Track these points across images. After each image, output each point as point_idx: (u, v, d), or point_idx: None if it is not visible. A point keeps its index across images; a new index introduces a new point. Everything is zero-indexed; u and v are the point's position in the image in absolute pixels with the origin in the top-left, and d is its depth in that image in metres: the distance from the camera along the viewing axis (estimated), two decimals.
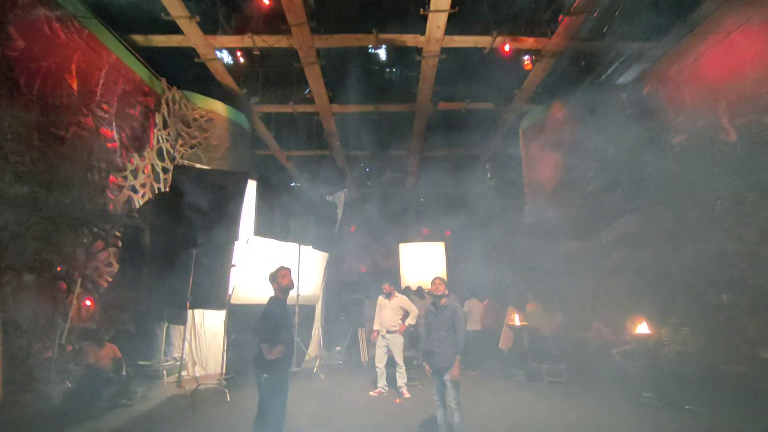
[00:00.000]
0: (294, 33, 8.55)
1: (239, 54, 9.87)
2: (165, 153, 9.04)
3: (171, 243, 6.89)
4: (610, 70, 9.41)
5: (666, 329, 6.57)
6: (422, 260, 14.75)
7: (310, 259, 8.93)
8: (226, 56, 9.83)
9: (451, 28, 8.45)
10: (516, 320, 7.95)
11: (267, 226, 7.42)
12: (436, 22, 8.18)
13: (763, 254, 6.00)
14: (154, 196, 8.38)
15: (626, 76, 9.13)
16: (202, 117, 10.16)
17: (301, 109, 11.71)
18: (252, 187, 7.39)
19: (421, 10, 7.95)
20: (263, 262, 6.82)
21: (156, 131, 8.86)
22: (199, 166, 9.42)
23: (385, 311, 6.99)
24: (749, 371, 5.95)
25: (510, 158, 14.16)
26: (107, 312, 6.99)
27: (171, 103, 9.37)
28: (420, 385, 7.17)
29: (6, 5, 5.73)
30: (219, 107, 10.55)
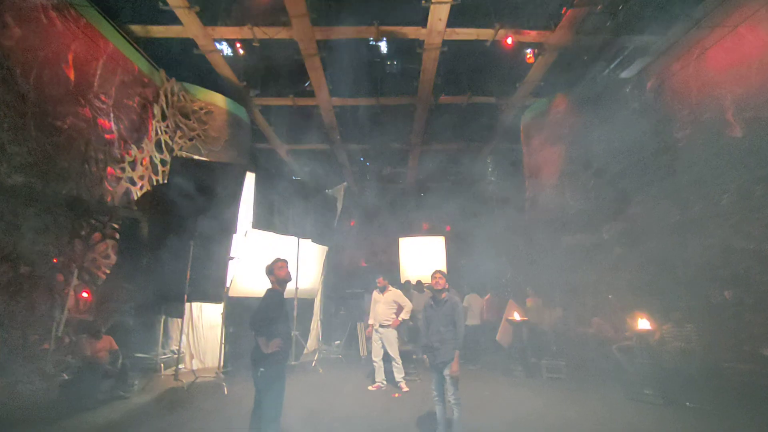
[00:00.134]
0: (294, 24, 8.47)
1: (239, 45, 9.77)
2: (164, 145, 8.97)
3: (169, 235, 6.83)
4: (614, 64, 9.32)
5: (668, 325, 6.51)
6: (422, 254, 14.70)
7: (309, 253, 8.89)
8: (225, 48, 9.73)
9: (453, 20, 8.34)
10: (516, 315, 7.91)
11: (266, 219, 7.39)
12: (438, 14, 8.09)
13: None
14: (152, 188, 8.32)
15: (630, 70, 9.02)
16: (201, 109, 10.09)
17: (302, 102, 11.62)
18: (251, 179, 7.35)
19: (423, 2, 7.85)
20: (262, 255, 6.76)
21: (154, 123, 8.78)
22: (197, 157, 9.35)
23: (379, 305, 6.94)
24: (753, 369, 5.89)
25: (511, 152, 14.07)
26: (104, 304, 6.95)
27: (170, 95, 9.30)
28: (419, 380, 7.14)
29: None
30: (218, 99, 10.47)
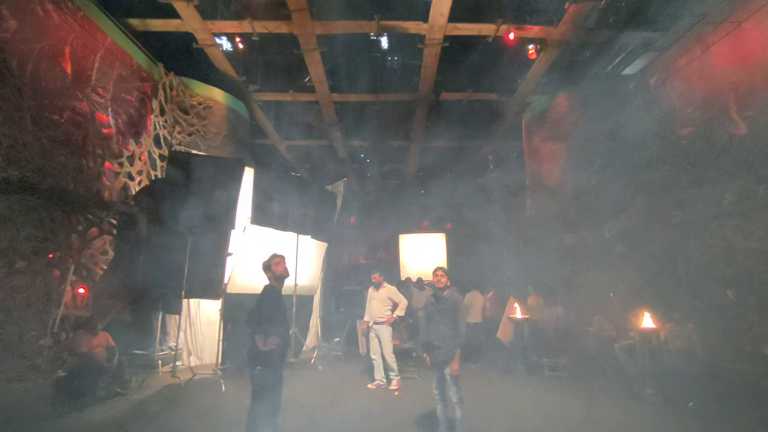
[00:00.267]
0: (294, 19, 8.37)
1: (238, 40, 9.64)
2: (162, 140, 8.90)
3: (167, 231, 6.77)
4: (617, 61, 9.23)
5: (669, 325, 6.46)
6: (423, 251, 14.67)
7: (308, 249, 8.82)
8: (224, 42, 9.63)
9: (454, 15, 8.25)
10: (517, 313, 7.86)
11: (265, 215, 7.33)
12: (440, 9, 7.98)
13: None
14: (151, 183, 8.25)
15: (633, 67, 8.94)
16: (200, 104, 10.02)
17: (301, 97, 11.53)
18: (250, 175, 7.28)
19: None
20: (260, 251, 6.70)
21: (153, 117, 8.70)
22: (195, 152, 9.28)
23: (374, 302, 6.87)
24: (755, 370, 5.83)
25: (512, 149, 14.00)
26: (101, 300, 6.88)
27: (168, 89, 9.21)
28: (419, 377, 7.10)
29: None
30: (217, 94, 10.40)
